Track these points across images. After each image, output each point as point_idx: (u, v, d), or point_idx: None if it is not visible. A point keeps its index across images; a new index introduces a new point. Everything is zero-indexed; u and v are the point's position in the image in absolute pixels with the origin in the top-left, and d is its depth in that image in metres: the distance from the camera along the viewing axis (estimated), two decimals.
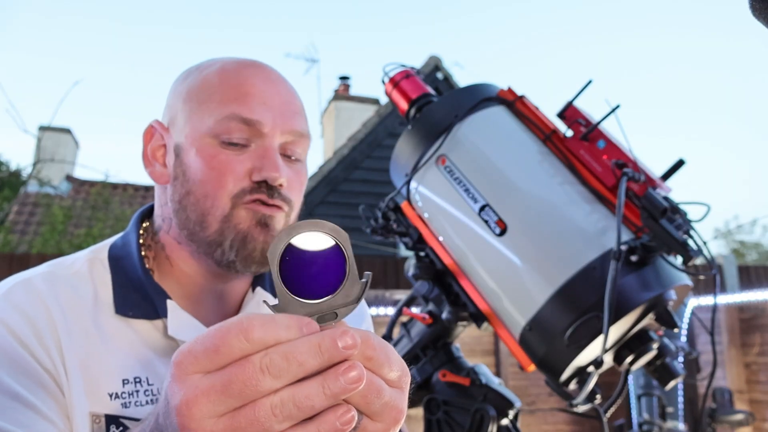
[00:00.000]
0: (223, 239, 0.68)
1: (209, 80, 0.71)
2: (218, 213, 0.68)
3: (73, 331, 0.64)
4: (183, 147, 0.70)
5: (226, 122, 0.68)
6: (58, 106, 9.45)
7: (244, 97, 0.69)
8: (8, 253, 5.09)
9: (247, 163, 0.69)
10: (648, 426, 2.70)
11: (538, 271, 0.83)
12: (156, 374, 0.65)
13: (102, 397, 0.62)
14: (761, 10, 0.56)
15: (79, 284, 0.69)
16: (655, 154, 27.06)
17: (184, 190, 0.69)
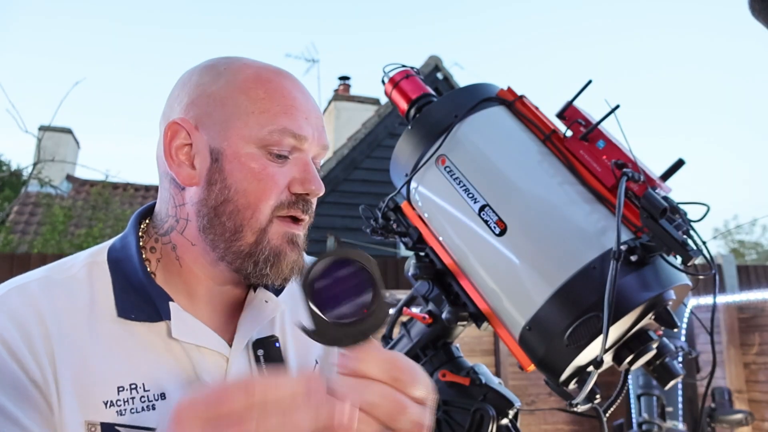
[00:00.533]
0: (257, 252, 0.68)
1: (251, 87, 0.71)
2: (256, 225, 0.68)
3: (68, 338, 0.63)
4: (224, 153, 0.69)
5: (278, 135, 0.69)
6: (58, 106, 9.45)
7: (291, 110, 0.70)
8: (9, 253, 5.09)
9: (288, 175, 0.70)
10: (647, 425, 2.70)
11: (537, 270, 0.83)
12: (153, 378, 0.65)
13: (97, 405, 0.61)
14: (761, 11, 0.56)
15: (75, 289, 0.68)
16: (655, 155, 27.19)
17: (223, 197, 0.69)
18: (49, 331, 0.63)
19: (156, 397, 0.64)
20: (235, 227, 0.68)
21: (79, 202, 8.34)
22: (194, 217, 0.70)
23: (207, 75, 0.73)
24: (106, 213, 7.68)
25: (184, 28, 45.46)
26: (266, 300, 0.76)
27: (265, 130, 0.69)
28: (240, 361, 0.72)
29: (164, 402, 0.64)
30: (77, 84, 5.38)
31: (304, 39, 30.50)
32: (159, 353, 0.67)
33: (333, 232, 6.37)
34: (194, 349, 0.69)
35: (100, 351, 0.65)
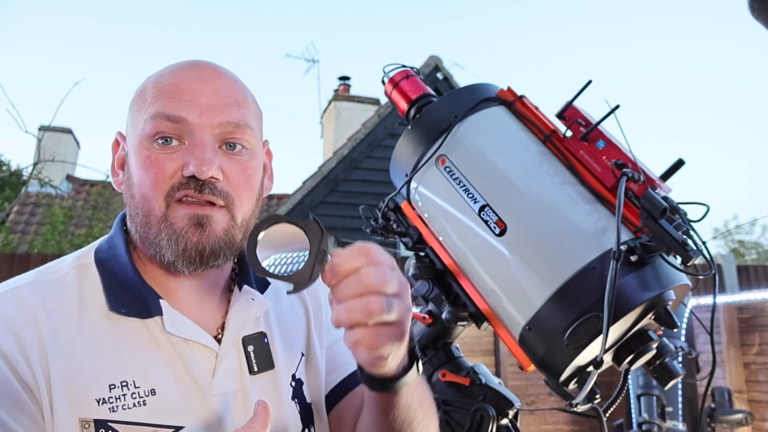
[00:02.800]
0: (161, 239, 0.69)
1: (145, 86, 0.73)
2: (157, 213, 0.69)
3: (60, 339, 0.65)
4: (129, 153, 0.72)
5: (153, 121, 0.69)
6: (58, 106, 9.45)
7: (168, 95, 0.70)
8: (9, 253, 5.09)
9: (179, 160, 0.70)
10: (647, 425, 2.70)
11: (537, 271, 0.83)
12: (143, 375, 0.66)
13: (90, 403, 0.63)
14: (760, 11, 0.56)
15: (65, 290, 0.69)
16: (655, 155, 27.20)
17: (130, 194, 0.72)
18: (41, 333, 0.64)
19: (147, 393, 0.65)
20: (142, 220, 0.71)
21: (79, 202, 8.34)
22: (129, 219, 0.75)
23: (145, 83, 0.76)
24: (107, 213, 7.68)
25: (184, 28, 45.48)
26: (252, 298, 0.78)
27: (143, 121, 0.70)
28: (230, 357, 0.73)
29: (155, 398, 0.66)
30: (77, 84, 5.38)
31: (304, 39, 30.51)
32: (149, 349, 0.68)
33: (333, 232, 6.37)
34: (183, 344, 0.70)
35: (91, 350, 0.66)
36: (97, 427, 0.62)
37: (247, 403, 0.72)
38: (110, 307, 0.69)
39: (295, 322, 0.83)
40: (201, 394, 0.69)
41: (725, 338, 4.61)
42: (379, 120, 7.73)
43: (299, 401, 0.78)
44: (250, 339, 0.75)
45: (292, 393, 0.77)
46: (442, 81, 7.86)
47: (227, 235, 0.71)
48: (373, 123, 7.72)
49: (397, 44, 45.91)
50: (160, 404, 0.66)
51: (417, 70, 1.11)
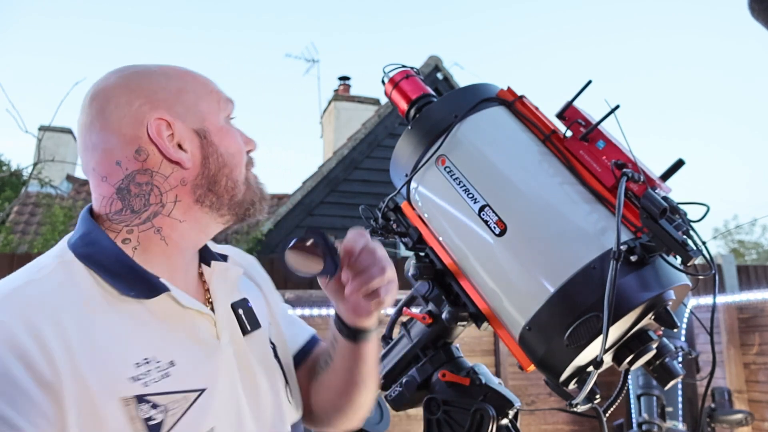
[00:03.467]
0: (251, 195, 0.85)
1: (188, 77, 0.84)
2: (243, 178, 0.84)
3: (77, 330, 0.67)
4: (208, 130, 0.82)
5: (228, 105, 0.86)
6: (58, 106, 9.44)
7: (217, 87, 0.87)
8: (9, 253, 5.09)
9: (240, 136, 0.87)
10: (647, 425, 2.70)
11: (537, 271, 0.83)
12: (160, 350, 0.72)
13: (125, 382, 0.67)
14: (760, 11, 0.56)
15: (62, 284, 0.71)
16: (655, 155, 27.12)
17: (220, 164, 0.81)
18: (61, 327, 0.66)
19: (168, 365, 0.71)
20: (233, 184, 0.83)
21: (79, 202, 8.33)
22: (186, 194, 0.79)
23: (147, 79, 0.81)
24: None
25: (184, 28, 45.46)
26: (227, 268, 0.87)
27: (221, 104, 0.84)
28: (226, 322, 0.81)
29: (175, 368, 0.71)
30: (77, 84, 5.37)
31: (304, 39, 30.49)
32: (158, 325, 0.74)
33: (333, 232, 6.35)
34: (186, 315, 0.77)
35: (108, 336, 0.69)
36: (138, 401, 0.67)
37: (247, 362, 0.81)
38: (120, 291, 0.72)
39: (256, 296, 0.92)
40: (210, 358, 0.75)
41: (725, 338, 4.61)
42: (379, 120, 7.73)
43: (278, 360, 0.89)
44: (238, 303, 0.85)
45: (273, 352, 0.89)
46: (442, 81, 7.85)
47: None
48: (373, 123, 7.72)
49: (397, 44, 45.91)
50: (182, 372, 0.71)
51: (417, 70, 1.11)
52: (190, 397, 0.71)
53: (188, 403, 0.70)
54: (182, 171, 0.79)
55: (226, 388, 0.76)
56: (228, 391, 0.76)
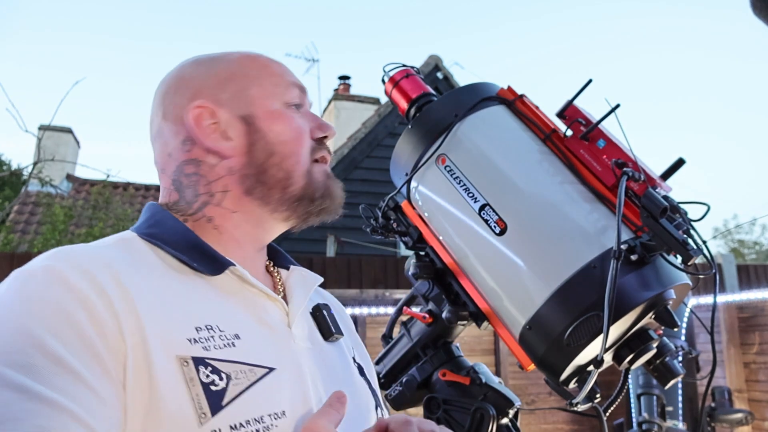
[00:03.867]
0: (312, 192, 0.78)
1: (247, 61, 0.81)
2: (302, 168, 0.78)
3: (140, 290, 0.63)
4: (256, 115, 0.77)
5: (291, 89, 0.80)
6: (58, 105, 9.45)
7: (283, 68, 0.83)
8: (9, 253, 5.09)
9: (308, 123, 0.81)
10: (647, 425, 2.70)
11: (537, 270, 0.83)
12: (225, 321, 0.67)
13: (182, 342, 0.62)
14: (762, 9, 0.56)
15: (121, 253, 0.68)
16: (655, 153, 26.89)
17: (267, 152, 0.76)
18: (122, 284, 0.62)
19: (232, 336, 0.65)
20: (286, 175, 0.76)
21: (79, 202, 8.33)
22: (235, 184, 0.76)
23: (200, 67, 0.81)
24: (107, 213, 7.67)
25: (184, 28, 45.43)
26: (307, 275, 0.84)
27: (282, 89, 0.80)
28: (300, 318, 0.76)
29: (240, 341, 0.66)
30: (77, 83, 5.37)
31: (305, 39, 30.50)
32: (222, 299, 0.69)
33: (333, 231, 6.36)
34: (254, 296, 0.73)
35: (165, 295, 0.65)
36: (196, 363, 0.61)
37: (329, 364, 0.76)
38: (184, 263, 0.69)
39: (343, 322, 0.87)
40: (280, 342, 0.70)
41: (725, 338, 4.61)
42: (379, 119, 7.73)
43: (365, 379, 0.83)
44: (321, 306, 0.81)
45: (359, 370, 0.82)
46: (442, 80, 7.85)
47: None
48: (373, 122, 7.72)
49: (398, 44, 45.90)
50: (248, 346, 0.66)
51: (417, 69, 1.11)
52: (257, 372, 0.64)
53: (256, 377, 0.64)
54: (228, 160, 0.75)
55: (301, 377, 0.69)
56: (302, 380, 0.69)
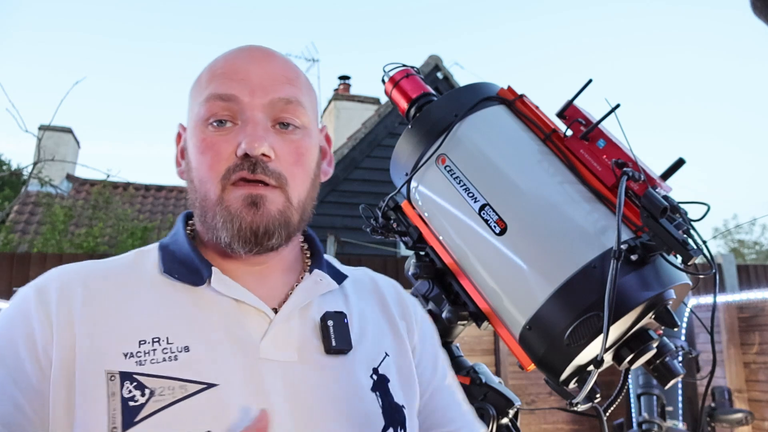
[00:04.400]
0: (216, 222, 0.70)
1: (201, 74, 0.75)
2: (212, 197, 0.71)
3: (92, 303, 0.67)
4: (187, 141, 0.74)
5: (207, 104, 0.71)
6: (58, 105, 9.45)
7: (219, 77, 0.72)
8: (9, 253, 5.09)
9: (233, 141, 0.70)
10: (647, 425, 2.70)
11: (537, 270, 0.83)
12: (179, 333, 0.67)
13: (117, 357, 0.64)
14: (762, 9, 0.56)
15: (118, 264, 0.73)
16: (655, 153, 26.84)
17: (189, 179, 0.73)
18: (71, 299, 0.67)
19: (179, 349, 0.66)
20: (200, 203, 0.72)
21: (79, 202, 8.33)
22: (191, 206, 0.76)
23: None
24: (107, 213, 7.67)
25: (183, 28, 45.44)
26: (321, 279, 0.78)
27: (198, 104, 0.72)
28: (287, 327, 0.72)
29: (187, 354, 0.66)
30: (77, 83, 5.37)
31: (305, 39, 30.49)
32: (192, 311, 0.69)
33: (333, 231, 6.36)
34: (234, 307, 0.71)
35: (128, 311, 0.68)
36: (123, 378, 0.63)
37: (318, 379, 0.70)
38: (164, 269, 0.71)
39: (378, 326, 0.80)
40: (244, 356, 0.68)
41: (725, 338, 4.61)
42: (379, 119, 7.73)
43: (382, 396, 0.74)
44: (331, 315, 0.74)
45: (372, 385, 0.74)
46: (442, 80, 7.85)
47: (282, 216, 0.71)
48: (373, 122, 7.72)
49: (397, 44, 45.91)
50: (193, 361, 0.65)
51: (417, 69, 1.11)
52: (189, 388, 0.64)
53: (185, 393, 0.63)
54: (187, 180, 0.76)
55: (258, 393, 0.66)
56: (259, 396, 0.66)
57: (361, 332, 0.77)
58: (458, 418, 0.81)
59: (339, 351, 0.72)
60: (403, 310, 0.83)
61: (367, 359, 0.75)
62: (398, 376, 0.77)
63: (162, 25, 42.97)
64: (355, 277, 0.84)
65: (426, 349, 0.83)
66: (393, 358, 0.78)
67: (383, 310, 0.82)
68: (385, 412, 0.72)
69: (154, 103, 41.76)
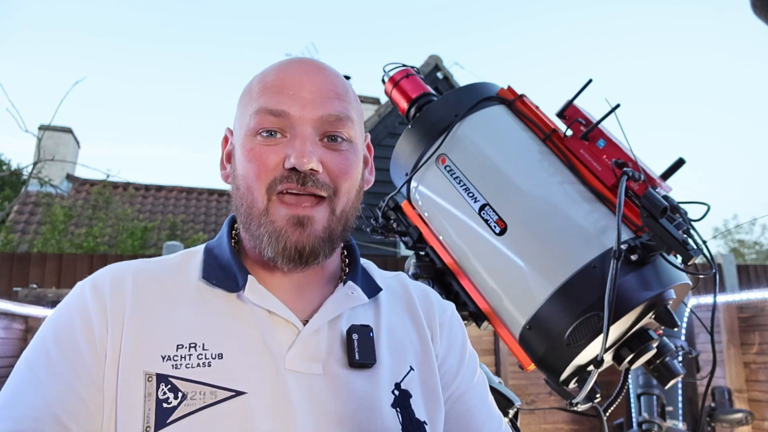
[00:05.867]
0: (261, 234, 0.72)
1: (251, 84, 0.77)
2: (259, 206, 0.72)
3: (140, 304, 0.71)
4: (235, 147, 0.76)
5: (258, 116, 0.72)
6: (58, 105, 9.44)
7: (270, 90, 0.74)
8: (9, 253, 5.09)
9: (281, 152, 0.72)
10: (647, 425, 2.70)
11: (537, 270, 0.83)
12: (215, 340, 0.70)
13: (155, 359, 0.67)
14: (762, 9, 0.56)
15: (162, 266, 0.77)
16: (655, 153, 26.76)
17: (235, 186, 0.75)
18: (124, 298, 0.71)
19: (213, 356, 0.69)
20: (246, 211, 0.73)
21: (79, 202, 8.33)
22: (237, 210, 0.77)
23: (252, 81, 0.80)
24: (107, 212, 7.68)
25: (183, 28, 45.42)
26: (352, 292, 0.78)
27: (248, 116, 0.73)
28: (314, 339, 0.73)
29: (221, 361, 0.69)
30: (77, 83, 5.37)
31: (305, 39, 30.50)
32: (228, 319, 0.72)
33: None
34: (266, 317, 0.73)
35: (170, 314, 0.71)
36: (159, 380, 0.66)
37: (340, 393, 0.70)
38: (202, 275, 0.74)
39: (407, 338, 0.80)
40: (273, 367, 0.69)
41: (725, 338, 4.61)
42: (379, 119, 7.73)
43: (402, 412, 0.74)
44: (357, 328, 0.75)
45: (393, 401, 0.74)
46: (442, 80, 7.85)
47: (326, 231, 0.73)
48: (373, 122, 7.72)
49: (398, 44, 45.92)
50: (225, 368, 0.68)
51: (417, 69, 1.11)
52: (219, 395, 0.66)
53: (214, 399, 0.66)
54: (232, 186, 0.77)
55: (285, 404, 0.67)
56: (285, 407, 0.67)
57: (387, 346, 0.77)
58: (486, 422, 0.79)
59: (362, 365, 0.73)
60: (430, 318, 0.83)
61: (391, 374, 0.75)
62: (422, 391, 0.77)
63: (162, 24, 42.95)
64: (390, 287, 0.84)
65: (452, 351, 0.82)
66: (418, 372, 0.78)
67: (414, 321, 0.82)
68: (405, 428, 0.72)
69: (154, 103, 41.75)
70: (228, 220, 0.83)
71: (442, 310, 0.84)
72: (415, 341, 0.80)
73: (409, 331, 0.81)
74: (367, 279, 0.82)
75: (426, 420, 0.74)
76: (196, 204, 9.70)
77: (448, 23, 48.13)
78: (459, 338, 0.84)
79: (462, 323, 0.85)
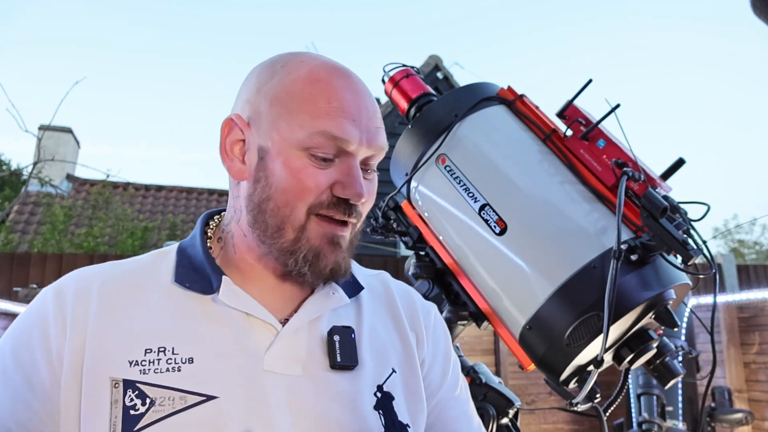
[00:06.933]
0: (297, 250, 0.71)
1: (299, 87, 0.71)
2: (296, 222, 0.70)
3: (106, 309, 0.69)
4: (269, 152, 0.71)
5: (317, 137, 0.69)
6: (58, 105, 9.44)
7: (335, 112, 0.70)
8: (9, 253, 5.09)
9: (331, 176, 0.71)
10: (647, 425, 2.70)
11: (537, 270, 0.83)
12: (185, 343, 0.68)
13: (122, 364, 0.66)
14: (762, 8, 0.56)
15: (136, 267, 0.75)
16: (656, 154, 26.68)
17: (265, 195, 0.71)
18: (87, 305, 0.69)
19: (184, 360, 0.67)
20: (275, 224, 0.71)
21: (79, 202, 8.33)
22: (244, 210, 0.74)
23: (264, 73, 0.75)
24: (107, 213, 7.68)
25: (183, 28, 45.43)
26: (333, 292, 0.77)
27: (305, 132, 0.69)
28: (294, 340, 0.72)
29: (191, 365, 0.67)
30: (77, 83, 5.37)
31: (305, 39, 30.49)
32: (201, 322, 0.70)
33: None
34: (243, 319, 0.71)
35: (139, 318, 0.69)
36: (126, 386, 0.65)
37: (321, 394, 0.69)
38: (175, 278, 0.72)
39: (389, 340, 0.79)
40: (250, 369, 0.68)
41: (725, 338, 4.61)
42: None
43: (385, 414, 0.73)
44: (338, 329, 0.74)
45: (375, 403, 0.73)
46: (442, 80, 7.84)
47: (350, 249, 0.75)
48: None
49: (398, 44, 45.94)
50: (196, 373, 0.66)
51: (417, 69, 1.11)
52: (189, 400, 0.64)
53: (184, 404, 0.64)
54: (247, 183, 0.73)
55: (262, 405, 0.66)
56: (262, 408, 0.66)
57: (369, 347, 0.76)
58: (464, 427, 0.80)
59: (344, 367, 0.72)
60: (414, 322, 0.82)
61: (374, 376, 0.74)
62: (405, 393, 0.76)
63: (162, 24, 42.96)
64: (372, 286, 0.83)
65: (436, 360, 0.82)
66: (400, 375, 0.77)
67: (395, 322, 0.82)
68: (387, 431, 0.72)
69: (154, 103, 41.77)
70: (202, 218, 0.80)
71: (426, 312, 0.83)
72: (396, 343, 0.79)
73: (391, 332, 0.80)
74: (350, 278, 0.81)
75: (409, 423, 0.74)
76: (196, 204, 9.70)
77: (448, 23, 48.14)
78: (443, 344, 0.83)
79: (444, 325, 0.85)
